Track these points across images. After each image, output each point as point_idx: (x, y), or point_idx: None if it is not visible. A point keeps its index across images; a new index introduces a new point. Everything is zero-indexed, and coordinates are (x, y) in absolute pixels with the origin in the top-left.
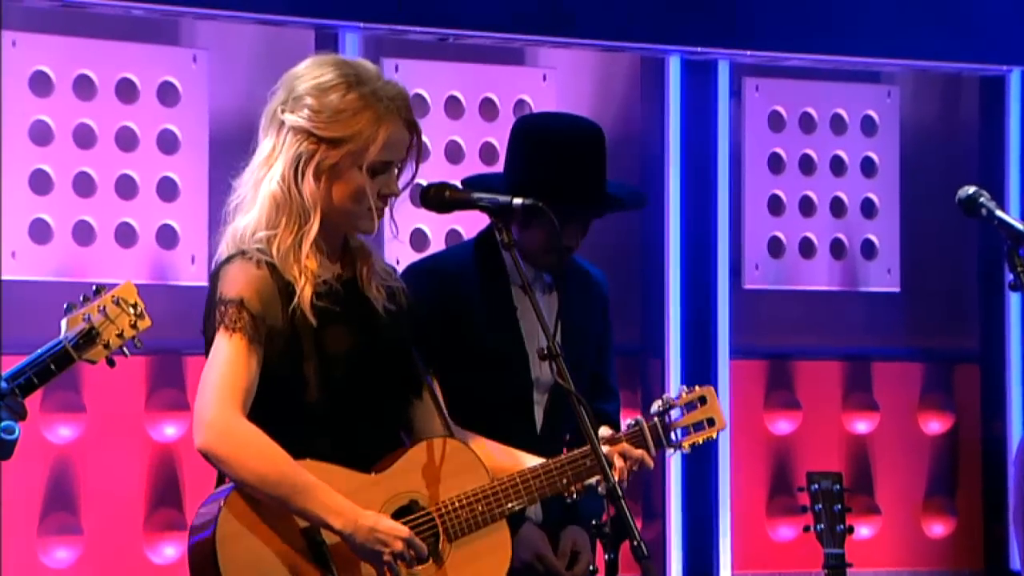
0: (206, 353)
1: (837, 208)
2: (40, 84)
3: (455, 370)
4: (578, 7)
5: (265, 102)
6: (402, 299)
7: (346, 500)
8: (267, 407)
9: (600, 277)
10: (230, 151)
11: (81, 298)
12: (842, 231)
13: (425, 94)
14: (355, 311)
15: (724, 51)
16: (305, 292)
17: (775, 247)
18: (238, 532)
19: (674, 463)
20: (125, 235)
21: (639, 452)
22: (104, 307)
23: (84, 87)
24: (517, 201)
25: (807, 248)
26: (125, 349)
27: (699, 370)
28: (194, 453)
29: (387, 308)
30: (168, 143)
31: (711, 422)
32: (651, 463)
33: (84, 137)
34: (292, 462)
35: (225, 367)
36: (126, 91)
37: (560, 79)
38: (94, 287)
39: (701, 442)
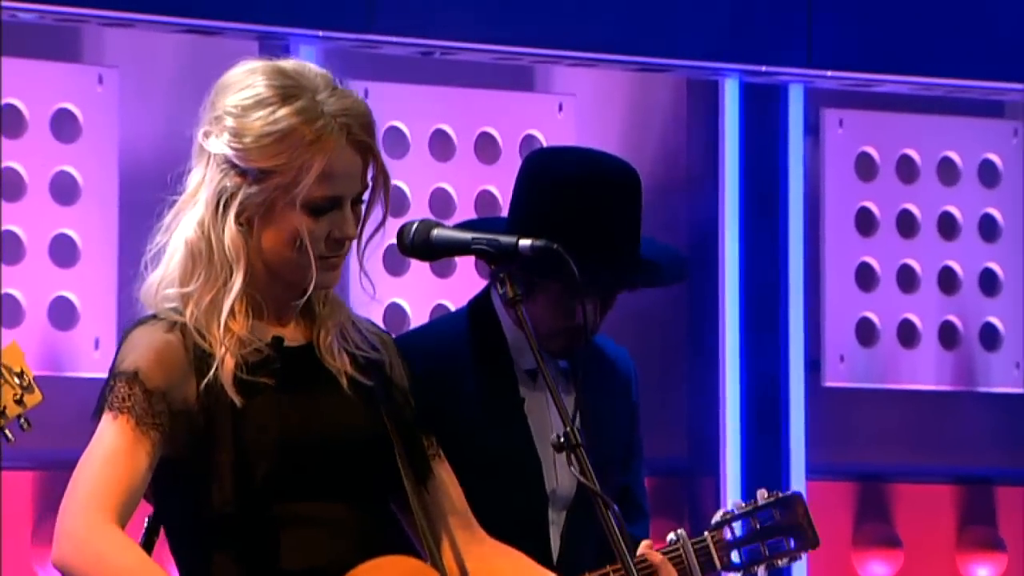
0: None
1: (947, 282)
2: None
3: None
4: (604, 15)
5: (191, 133)
6: (390, 371)
7: None
8: (170, 507)
9: (625, 359)
10: (147, 201)
11: None
12: (954, 312)
13: (403, 127)
14: (302, 388)
15: (797, 72)
16: (226, 363)
17: (866, 332)
18: None
19: None
20: (8, 311)
21: None
22: None
23: None
24: (524, 242)
25: (908, 334)
26: (8, 433)
27: None
28: None
29: (357, 383)
30: (64, 191)
31: (797, 539)
32: None
33: None
34: None
35: (102, 460)
36: (10, 123)
37: (580, 109)
38: None
39: (781, 565)
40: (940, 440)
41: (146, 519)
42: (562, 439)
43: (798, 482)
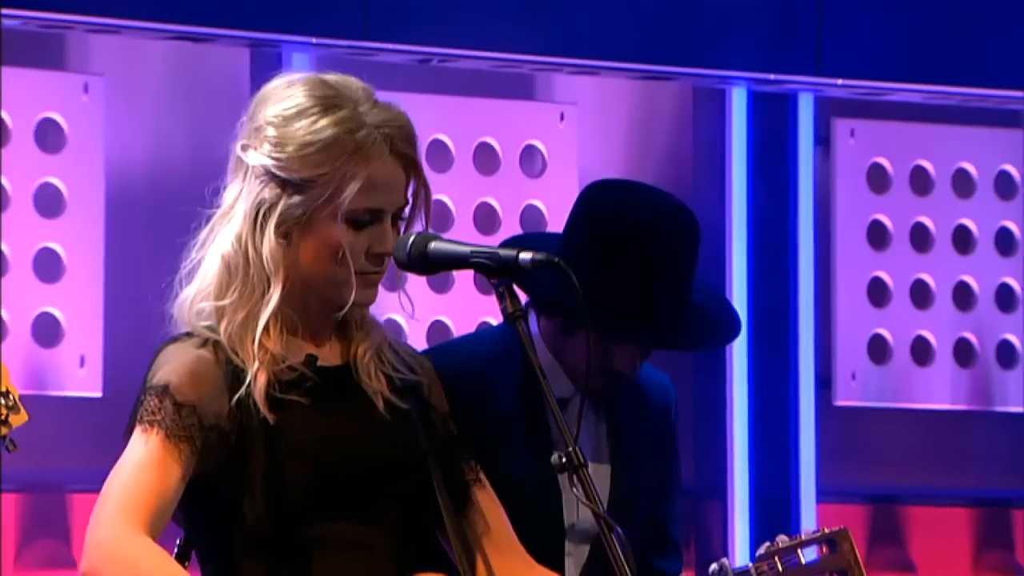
0: None
1: (963, 297)
2: None
3: None
4: (607, 21)
5: (181, 143)
6: (428, 395)
7: None
8: (202, 525)
9: (661, 384)
10: (135, 213)
11: None
12: (970, 329)
13: None
14: (338, 408)
15: (807, 80)
16: (259, 379)
17: (878, 350)
18: None
19: None
20: None
21: None
22: None
23: None
24: (525, 256)
25: (922, 351)
26: None
27: (774, 517)
28: None
29: (394, 406)
30: (49, 203)
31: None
32: None
33: None
34: None
35: (132, 471)
36: None
37: (583, 118)
38: None
39: None
40: (955, 461)
41: (176, 543)
42: (563, 458)
43: (808, 504)
